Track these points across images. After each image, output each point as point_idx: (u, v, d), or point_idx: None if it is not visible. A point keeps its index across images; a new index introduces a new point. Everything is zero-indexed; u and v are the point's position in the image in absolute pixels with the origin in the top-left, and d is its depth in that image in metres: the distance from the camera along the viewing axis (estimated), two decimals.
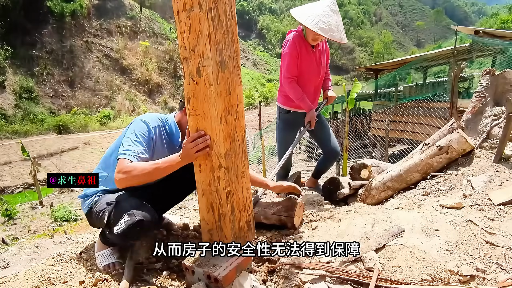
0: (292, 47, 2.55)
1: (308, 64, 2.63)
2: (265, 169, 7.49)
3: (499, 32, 8.60)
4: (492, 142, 2.27)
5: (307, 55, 2.60)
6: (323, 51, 2.75)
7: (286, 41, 2.63)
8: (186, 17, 1.23)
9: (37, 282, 1.60)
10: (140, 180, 1.46)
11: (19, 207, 8.10)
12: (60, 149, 18.85)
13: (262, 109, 13.51)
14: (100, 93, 30.54)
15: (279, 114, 2.93)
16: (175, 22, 1.28)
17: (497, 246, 1.35)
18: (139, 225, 1.43)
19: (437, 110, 6.96)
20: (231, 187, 1.41)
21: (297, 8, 2.56)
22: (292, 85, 2.61)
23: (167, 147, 1.71)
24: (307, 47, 2.59)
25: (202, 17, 1.19)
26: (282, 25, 72.60)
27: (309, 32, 2.46)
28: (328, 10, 2.37)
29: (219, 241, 1.47)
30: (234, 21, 1.32)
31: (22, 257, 2.70)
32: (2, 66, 25.17)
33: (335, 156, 3.06)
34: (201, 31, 1.21)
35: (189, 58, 1.28)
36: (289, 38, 2.60)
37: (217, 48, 1.25)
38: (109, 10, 36.53)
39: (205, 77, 1.26)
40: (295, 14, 2.48)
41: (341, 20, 2.46)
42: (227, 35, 1.30)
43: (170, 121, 1.75)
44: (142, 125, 1.59)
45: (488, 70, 2.62)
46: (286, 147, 2.80)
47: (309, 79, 2.71)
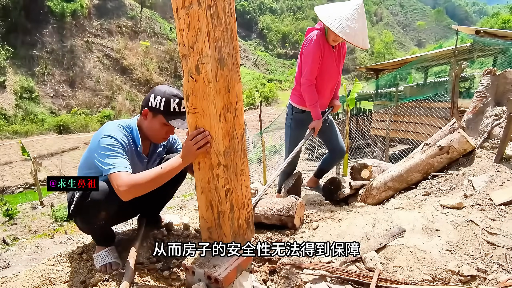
0: (316, 48, 2.47)
1: (328, 65, 2.58)
2: (265, 169, 7.49)
3: (500, 32, 8.60)
4: (493, 142, 2.27)
5: (328, 55, 2.55)
6: (341, 51, 2.70)
7: (310, 40, 2.52)
8: (185, 14, 1.22)
9: (38, 282, 1.60)
10: (146, 189, 1.44)
11: (19, 207, 8.11)
12: (60, 149, 18.88)
13: (263, 109, 13.51)
14: (101, 93, 30.58)
15: (292, 113, 2.86)
16: (174, 19, 1.28)
17: (498, 246, 1.35)
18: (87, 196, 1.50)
19: (438, 110, 6.95)
20: (230, 185, 1.40)
21: (322, 7, 2.48)
22: (310, 89, 2.56)
23: (133, 153, 1.70)
24: (328, 48, 2.54)
25: (201, 14, 1.18)
26: (283, 25, 72.61)
27: (331, 33, 2.40)
28: (355, 14, 2.31)
29: (218, 239, 1.47)
30: (233, 19, 1.32)
31: (22, 257, 2.71)
32: (3, 66, 25.22)
33: (341, 156, 3.05)
34: (200, 28, 1.20)
35: (188, 55, 1.28)
36: (313, 37, 2.50)
37: (216, 46, 1.25)
38: (109, 10, 36.59)
39: (204, 75, 1.26)
40: (320, 14, 2.39)
41: (366, 24, 2.41)
42: (226, 33, 1.29)
43: (132, 126, 1.71)
44: (111, 140, 1.54)
45: (489, 70, 2.61)
46: (295, 145, 2.77)
47: (328, 80, 2.67)
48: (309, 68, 2.52)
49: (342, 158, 3.17)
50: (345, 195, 2.81)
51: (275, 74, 56.02)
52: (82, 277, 1.63)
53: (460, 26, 8.75)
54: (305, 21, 76.93)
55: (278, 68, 60.26)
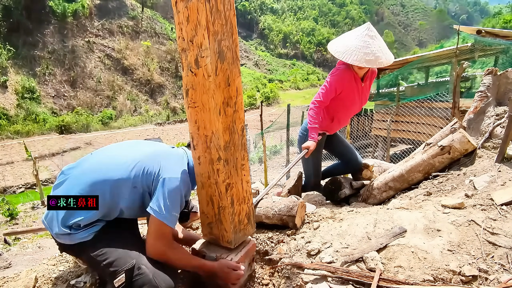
0: (338, 82, 2.51)
1: (350, 97, 2.60)
2: (266, 169, 7.48)
3: (502, 31, 8.57)
4: (495, 142, 2.26)
5: (353, 87, 2.57)
6: (371, 78, 2.70)
7: (336, 70, 2.57)
8: (184, 7, 1.22)
9: (39, 282, 1.61)
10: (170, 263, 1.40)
11: (21, 207, 8.13)
12: (62, 149, 18.93)
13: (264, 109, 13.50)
14: (102, 93, 30.64)
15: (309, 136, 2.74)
16: (173, 13, 1.27)
17: (500, 247, 1.35)
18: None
19: (439, 110, 6.94)
20: (230, 179, 1.40)
21: (334, 42, 2.52)
22: (317, 111, 2.56)
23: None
24: (356, 79, 2.55)
25: (200, 7, 1.18)
26: (284, 25, 72.60)
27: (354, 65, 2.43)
28: (368, 39, 2.33)
29: (219, 234, 1.47)
30: (232, 12, 1.31)
31: (24, 257, 2.71)
32: (4, 66, 25.30)
33: (355, 168, 2.99)
34: (199, 21, 1.20)
35: (187, 49, 1.27)
36: (339, 69, 2.55)
37: (216, 39, 1.24)
38: (110, 10, 36.65)
39: (204, 68, 1.25)
40: (335, 51, 2.42)
41: (382, 40, 2.41)
42: (226, 26, 1.28)
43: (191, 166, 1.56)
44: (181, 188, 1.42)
45: (490, 70, 2.61)
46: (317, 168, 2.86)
47: (347, 108, 2.68)
48: (325, 94, 2.54)
49: (356, 171, 3.03)
50: (346, 195, 2.81)
51: (276, 74, 56.00)
52: (83, 277, 1.64)
53: (462, 26, 8.73)
54: (306, 21, 77.00)
55: (279, 68, 60.25)
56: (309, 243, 1.64)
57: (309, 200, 2.91)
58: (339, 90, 2.55)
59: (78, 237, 1.37)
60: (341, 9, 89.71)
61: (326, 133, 2.78)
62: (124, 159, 1.45)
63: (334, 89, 2.53)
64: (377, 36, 2.39)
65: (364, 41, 2.33)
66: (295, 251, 1.63)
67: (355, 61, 2.31)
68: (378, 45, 2.35)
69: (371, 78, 2.71)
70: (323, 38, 70.46)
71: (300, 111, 14.11)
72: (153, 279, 1.28)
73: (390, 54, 2.42)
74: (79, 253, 1.46)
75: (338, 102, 2.62)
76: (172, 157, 1.53)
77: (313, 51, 70.26)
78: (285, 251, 1.66)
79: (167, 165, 1.44)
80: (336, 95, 2.57)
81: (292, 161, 2.71)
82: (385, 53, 2.37)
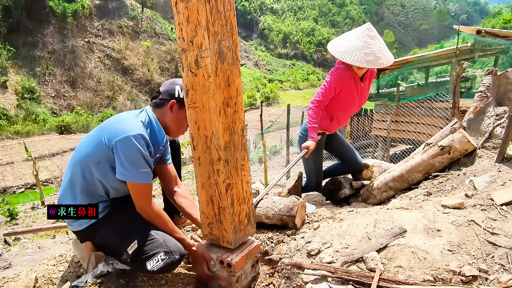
0: (338, 82, 2.52)
1: (349, 96, 2.61)
2: (266, 169, 7.48)
3: (502, 31, 8.57)
4: (495, 142, 2.26)
5: (353, 86, 2.57)
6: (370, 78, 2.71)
7: (335, 70, 2.58)
8: (184, 7, 1.22)
9: (39, 282, 1.61)
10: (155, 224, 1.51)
11: (21, 207, 8.13)
12: (62, 150, 18.92)
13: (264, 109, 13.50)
14: (102, 93, 30.63)
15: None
16: (173, 13, 1.27)
17: (500, 247, 1.35)
18: (177, 263, 1.46)
19: (439, 110, 6.94)
20: (230, 180, 1.40)
21: (334, 42, 2.51)
22: (316, 111, 2.56)
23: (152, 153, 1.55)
24: (355, 79, 2.56)
25: (200, 7, 1.18)
26: (284, 25, 72.58)
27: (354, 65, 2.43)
28: (368, 39, 2.33)
29: (219, 234, 1.48)
30: (232, 12, 1.31)
31: (24, 257, 2.71)
32: (4, 66, 25.28)
33: (356, 169, 2.99)
34: (199, 22, 1.20)
35: (187, 49, 1.28)
36: (339, 69, 2.56)
37: (216, 39, 1.24)
38: (110, 10, 36.64)
39: (204, 69, 1.25)
40: (335, 51, 2.42)
41: (382, 41, 2.41)
42: (226, 26, 1.28)
43: (152, 120, 1.57)
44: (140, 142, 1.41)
45: (490, 70, 2.61)
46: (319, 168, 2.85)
47: (347, 108, 2.69)
48: (324, 93, 2.55)
49: (356, 171, 3.02)
50: (346, 195, 2.81)
51: (276, 75, 55.99)
52: (83, 277, 1.63)
53: (462, 26, 8.74)
54: (306, 21, 76.98)
55: (279, 68, 60.25)
56: (309, 243, 1.64)
57: (309, 200, 2.91)
58: (339, 89, 2.55)
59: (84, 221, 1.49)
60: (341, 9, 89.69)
61: (326, 132, 2.78)
62: (91, 138, 1.51)
63: (334, 88, 2.54)
64: (377, 37, 2.39)
65: (365, 41, 2.33)
66: (295, 251, 1.63)
67: (356, 62, 2.31)
68: (379, 46, 2.35)
69: (371, 78, 2.71)
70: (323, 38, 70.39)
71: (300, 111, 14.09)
72: (164, 243, 1.43)
73: (390, 55, 2.42)
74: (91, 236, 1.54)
75: (337, 101, 2.62)
76: (120, 118, 1.53)
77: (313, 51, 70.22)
78: (285, 251, 1.66)
79: (114, 129, 1.44)
80: (335, 94, 2.58)
81: (292, 161, 2.71)
82: (385, 54, 2.37)
